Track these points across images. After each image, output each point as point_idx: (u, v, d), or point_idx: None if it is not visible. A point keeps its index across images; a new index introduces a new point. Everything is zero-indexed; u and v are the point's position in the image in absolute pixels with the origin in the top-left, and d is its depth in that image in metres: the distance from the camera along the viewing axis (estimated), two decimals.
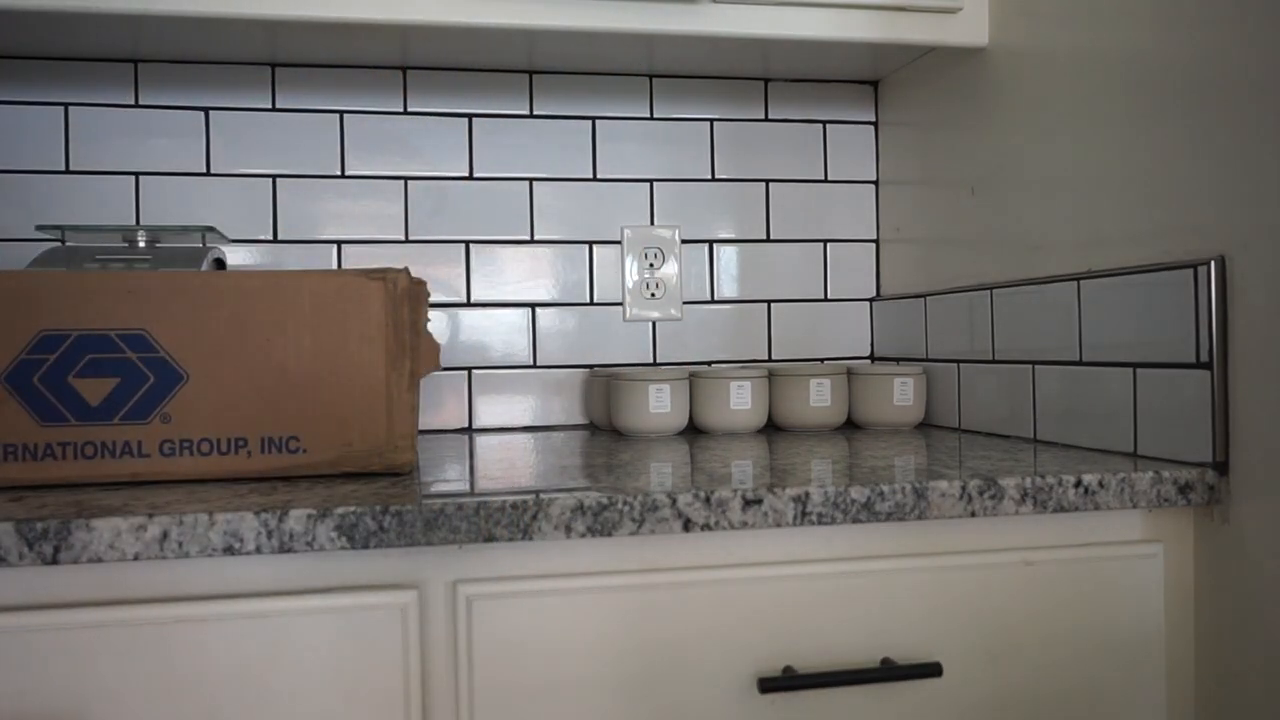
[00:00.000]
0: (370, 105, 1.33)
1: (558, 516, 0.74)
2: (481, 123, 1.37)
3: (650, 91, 1.41)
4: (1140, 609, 0.85)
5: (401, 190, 1.34)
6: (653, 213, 1.41)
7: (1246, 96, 0.80)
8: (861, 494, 0.78)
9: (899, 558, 0.82)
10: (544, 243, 1.38)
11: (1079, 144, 1.02)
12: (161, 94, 1.29)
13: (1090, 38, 1.00)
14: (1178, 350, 0.87)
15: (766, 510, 0.77)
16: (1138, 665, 0.85)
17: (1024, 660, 0.83)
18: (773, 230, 1.45)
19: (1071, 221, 1.03)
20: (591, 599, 0.77)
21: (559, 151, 1.39)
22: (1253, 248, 0.80)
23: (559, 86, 1.38)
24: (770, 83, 1.44)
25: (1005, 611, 0.83)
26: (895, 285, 1.44)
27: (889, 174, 1.45)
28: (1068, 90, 1.04)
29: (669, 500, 0.75)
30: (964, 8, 1.18)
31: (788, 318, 1.45)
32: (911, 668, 0.80)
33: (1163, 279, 0.89)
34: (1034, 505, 0.81)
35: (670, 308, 1.41)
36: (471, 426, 1.36)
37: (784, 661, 0.80)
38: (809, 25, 1.16)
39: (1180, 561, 0.87)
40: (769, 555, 0.81)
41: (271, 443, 0.84)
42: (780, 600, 0.80)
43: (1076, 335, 1.01)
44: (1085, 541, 0.85)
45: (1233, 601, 0.82)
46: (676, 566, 0.79)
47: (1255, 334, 0.80)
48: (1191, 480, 0.83)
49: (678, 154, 1.42)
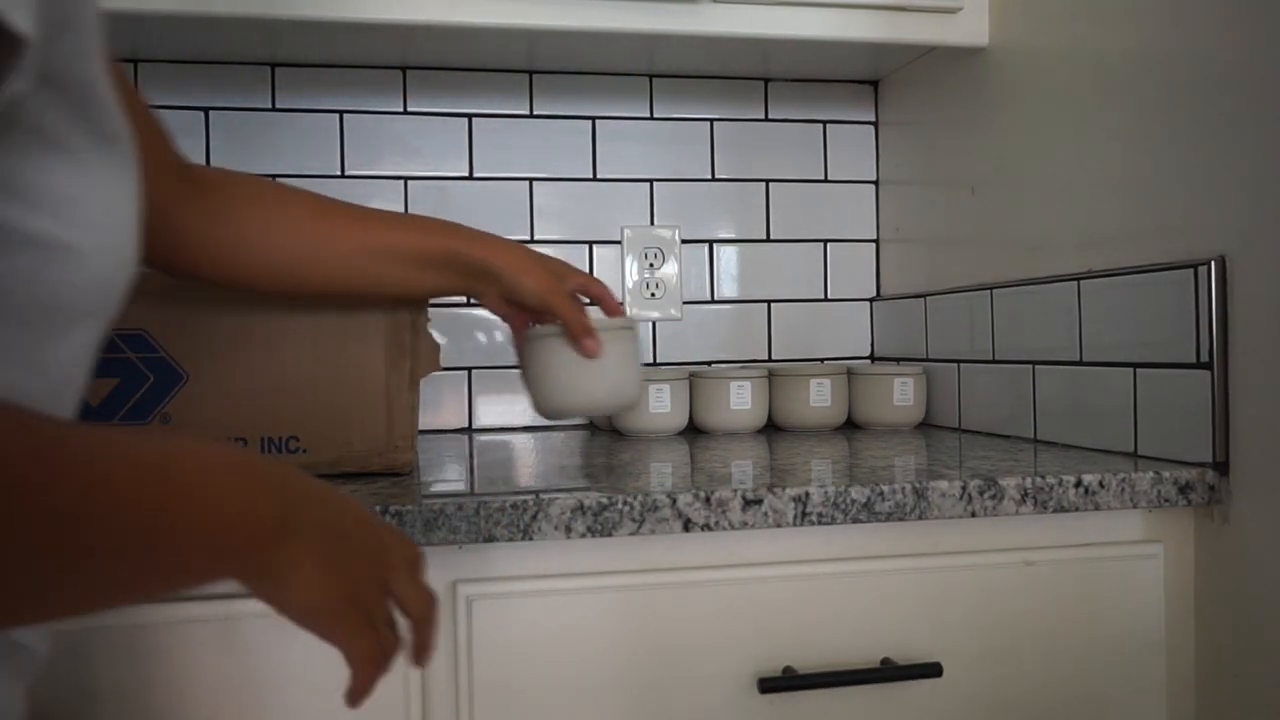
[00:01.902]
0: (370, 105, 1.33)
1: (558, 517, 0.74)
2: (481, 123, 1.37)
3: (650, 91, 1.41)
4: (1140, 609, 0.85)
5: (401, 190, 1.34)
6: (653, 213, 1.41)
7: (1247, 96, 0.80)
8: (861, 494, 0.78)
9: (899, 558, 0.82)
10: (544, 242, 1.38)
11: (1079, 144, 1.02)
12: (162, 94, 1.29)
13: (1090, 38, 1.00)
14: (1178, 350, 0.87)
15: (766, 510, 0.77)
16: (1138, 665, 0.85)
17: (1024, 660, 0.83)
18: (773, 230, 1.45)
19: (1071, 221, 1.03)
20: (591, 599, 0.77)
21: (559, 151, 1.39)
22: (1253, 248, 0.80)
23: (559, 86, 1.38)
24: (770, 82, 1.44)
25: (1005, 611, 0.83)
26: (895, 285, 1.44)
27: (889, 174, 1.45)
28: (1068, 90, 1.04)
29: (669, 500, 0.75)
30: (964, 8, 1.18)
31: (788, 318, 1.45)
32: (911, 668, 0.80)
33: (1163, 279, 0.89)
34: (1034, 505, 0.81)
35: (670, 308, 1.41)
36: (471, 426, 1.36)
37: (784, 661, 0.80)
38: (809, 25, 1.16)
39: (1180, 561, 0.86)
40: (769, 555, 0.81)
41: (271, 443, 0.84)
42: (780, 600, 0.80)
43: (1077, 335, 1.01)
44: (1085, 541, 0.85)
45: (1233, 601, 0.82)
46: (676, 566, 0.79)
47: (1255, 334, 0.80)
48: (1192, 480, 0.83)
49: (678, 154, 1.42)
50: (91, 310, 0.44)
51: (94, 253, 0.42)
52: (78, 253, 0.41)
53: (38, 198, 0.40)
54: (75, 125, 0.41)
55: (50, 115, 0.39)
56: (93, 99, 0.42)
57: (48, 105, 0.39)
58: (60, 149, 0.40)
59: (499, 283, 0.81)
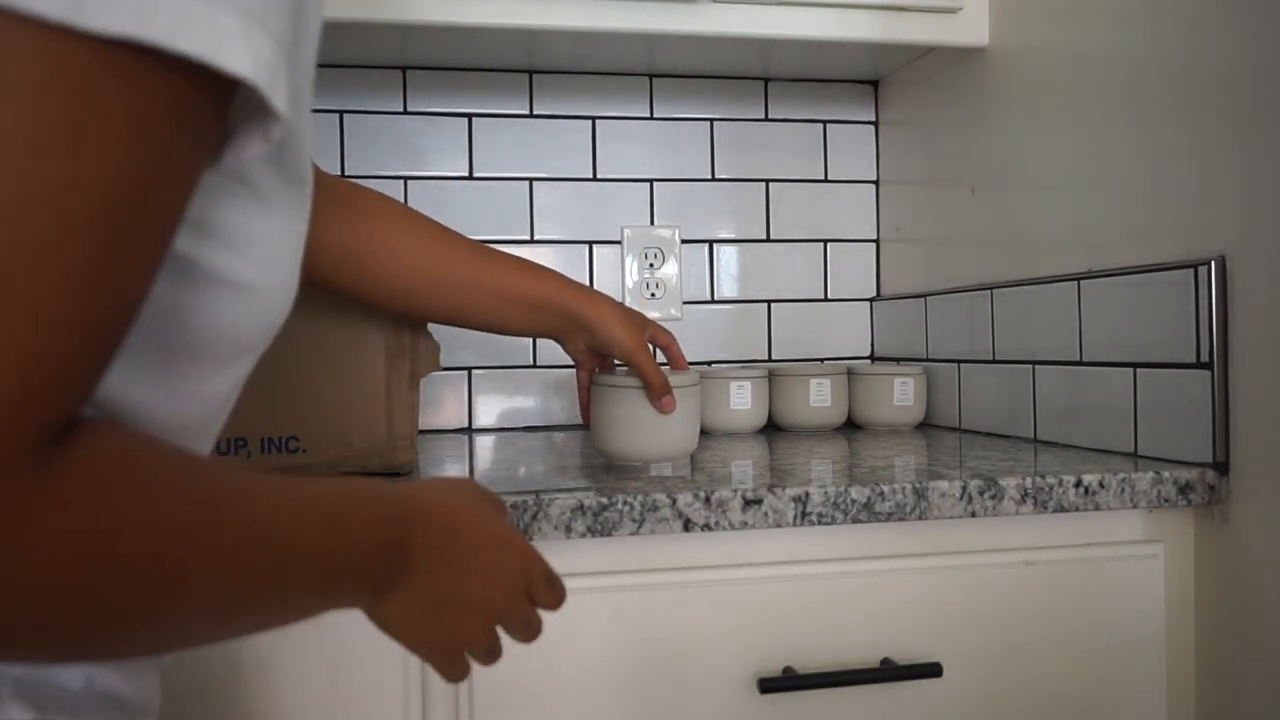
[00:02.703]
0: (370, 105, 1.33)
1: (558, 516, 0.74)
2: (481, 123, 1.37)
3: (650, 91, 1.41)
4: (1140, 609, 0.85)
5: (401, 190, 1.34)
6: (653, 213, 1.41)
7: (1246, 96, 0.80)
8: (861, 494, 0.78)
9: (899, 558, 0.82)
10: (544, 243, 1.38)
11: (1079, 144, 1.02)
12: None
13: (1090, 38, 1.00)
14: (1178, 350, 0.87)
15: (766, 510, 0.77)
16: (1138, 665, 0.85)
17: (1024, 660, 0.83)
18: (773, 230, 1.45)
19: (1071, 221, 1.03)
20: (591, 599, 0.77)
21: (559, 151, 1.38)
22: (1252, 247, 0.80)
23: (559, 86, 1.38)
24: (770, 82, 1.44)
25: (1005, 611, 0.83)
26: (895, 285, 1.44)
27: (889, 174, 1.45)
28: (1067, 90, 1.04)
29: (669, 500, 0.75)
30: (964, 8, 1.18)
31: (788, 318, 1.45)
32: (911, 668, 0.80)
33: (1163, 279, 0.89)
34: (1034, 505, 0.81)
35: (670, 308, 1.41)
36: (471, 426, 1.36)
37: (784, 661, 0.80)
38: (809, 25, 1.16)
39: (1180, 561, 0.86)
40: (769, 555, 0.81)
41: (271, 443, 0.84)
42: (780, 600, 0.80)
43: (1077, 335, 1.01)
44: (1085, 542, 0.85)
45: (1233, 601, 0.82)
46: (676, 566, 0.79)
47: (1255, 334, 0.80)
48: (1192, 480, 0.83)
49: (678, 154, 1.42)
50: (256, 345, 0.46)
51: (270, 289, 0.43)
52: (256, 291, 0.42)
53: (227, 238, 0.40)
54: (270, 169, 0.41)
55: (254, 163, 0.40)
56: (294, 147, 0.42)
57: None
58: (256, 193, 0.41)
59: (591, 334, 0.86)
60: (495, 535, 0.54)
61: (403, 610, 0.49)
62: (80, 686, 0.42)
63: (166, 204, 0.34)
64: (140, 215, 0.33)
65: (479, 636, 0.53)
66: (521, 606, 0.54)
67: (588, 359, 0.92)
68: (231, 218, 0.40)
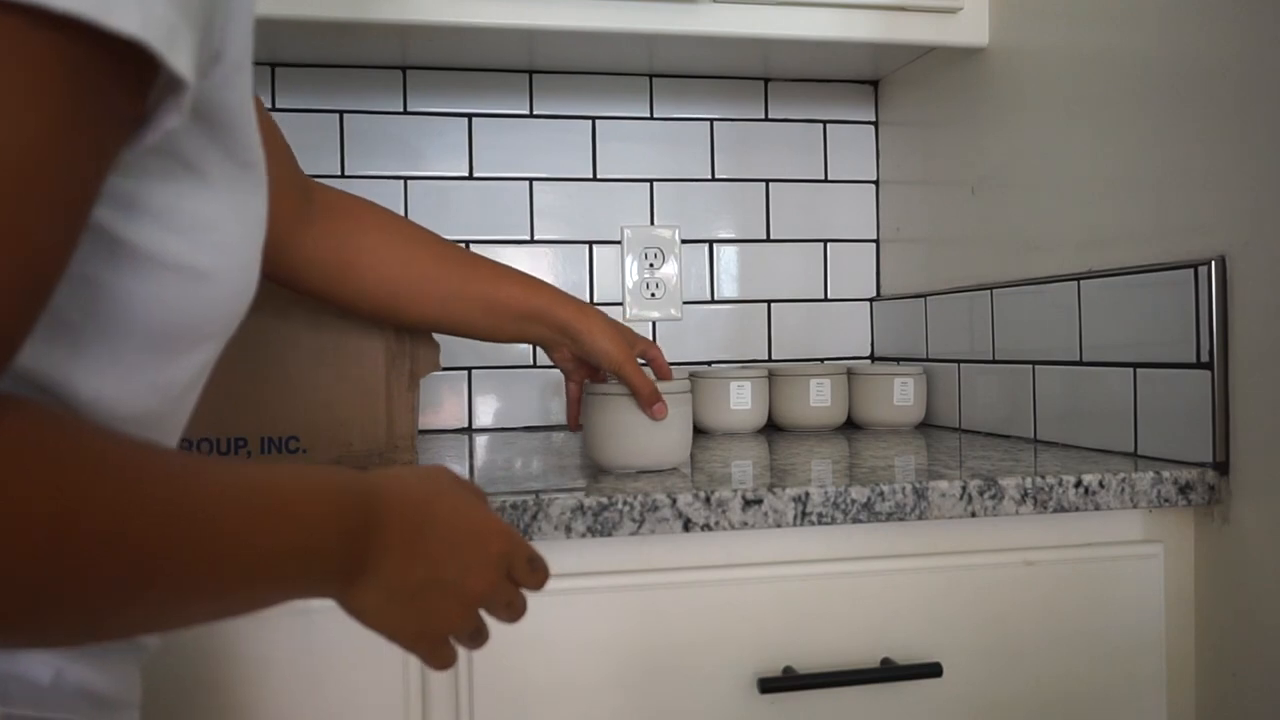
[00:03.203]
0: (370, 105, 1.33)
1: (558, 516, 0.74)
2: (481, 123, 1.37)
3: (650, 91, 1.41)
4: (1141, 609, 0.85)
5: (401, 190, 1.34)
6: (653, 213, 1.41)
7: (1247, 96, 0.80)
8: (861, 494, 0.78)
9: (899, 558, 0.82)
10: (544, 243, 1.38)
11: (1079, 143, 1.02)
12: None
13: (1090, 38, 1.00)
14: (1178, 350, 0.87)
15: (766, 510, 0.77)
16: (1138, 665, 0.85)
17: (1024, 660, 0.83)
18: (773, 230, 1.45)
19: (1071, 221, 1.03)
20: (591, 599, 0.77)
21: (559, 151, 1.38)
22: (1253, 247, 0.80)
23: (559, 86, 1.38)
24: (770, 82, 1.44)
25: (1005, 612, 0.83)
26: (895, 285, 1.44)
27: (889, 174, 1.45)
28: (1068, 90, 1.04)
29: (669, 500, 0.75)
30: (964, 8, 1.18)
31: (788, 318, 1.45)
32: (911, 668, 0.80)
33: (1163, 279, 0.89)
34: (1034, 505, 0.81)
35: (670, 308, 1.41)
36: (471, 426, 1.36)
37: (784, 661, 0.80)
38: (809, 25, 1.16)
39: (1181, 561, 0.86)
40: (769, 555, 0.81)
41: (271, 443, 0.84)
42: (780, 600, 0.80)
43: (1077, 335, 1.01)
44: (1086, 542, 0.85)
45: (1233, 601, 0.82)
46: (676, 566, 0.79)
47: (1255, 334, 0.80)
48: (1192, 480, 0.83)
49: (678, 154, 1.42)
50: (214, 333, 0.45)
51: (224, 276, 0.43)
52: (209, 276, 0.42)
53: (174, 222, 0.40)
54: (215, 152, 0.41)
55: (192, 142, 0.40)
56: (235, 127, 0.42)
57: (190, 133, 0.39)
58: (199, 175, 0.41)
59: (577, 343, 0.88)
60: (472, 520, 0.53)
61: (375, 600, 0.48)
62: (49, 679, 0.41)
63: (73, 175, 0.33)
64: (43, 185, 0.32)
65: (460, 622, 0.53)
66: (504, 589, 0.54)
67: (575, 369, 0.94)
68: (174, 201, 0.40)
